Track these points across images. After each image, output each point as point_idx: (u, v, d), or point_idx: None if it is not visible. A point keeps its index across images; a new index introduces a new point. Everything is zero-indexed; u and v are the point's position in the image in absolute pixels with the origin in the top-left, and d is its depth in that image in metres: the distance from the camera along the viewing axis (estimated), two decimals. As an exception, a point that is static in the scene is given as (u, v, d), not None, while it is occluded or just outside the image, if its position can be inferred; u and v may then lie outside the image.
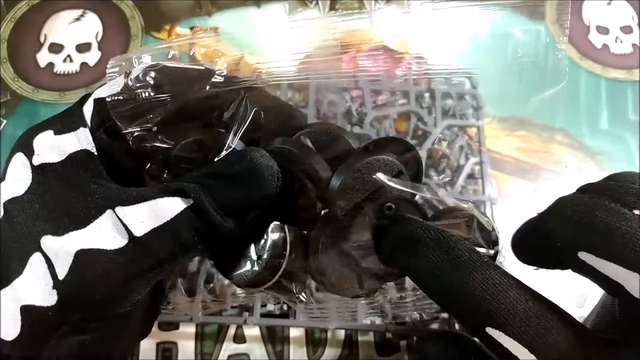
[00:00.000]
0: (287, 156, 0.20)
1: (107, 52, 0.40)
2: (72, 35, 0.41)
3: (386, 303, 0.22)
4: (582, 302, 0.18)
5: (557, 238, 0.16)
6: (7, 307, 0.17)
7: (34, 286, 0.17)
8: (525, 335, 0.15)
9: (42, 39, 0.40)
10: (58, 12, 0.41)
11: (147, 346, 0.31)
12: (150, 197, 0.18)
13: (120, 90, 0.20)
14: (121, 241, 0.17)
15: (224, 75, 0.21)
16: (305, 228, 0.22)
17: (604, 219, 0.15)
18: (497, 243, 0.20)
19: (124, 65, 0.20)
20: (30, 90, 0.39)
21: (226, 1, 0.42)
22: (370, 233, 0.20)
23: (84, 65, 0.40)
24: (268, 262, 0.21)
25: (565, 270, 0.17)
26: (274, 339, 0.32)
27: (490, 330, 0.16)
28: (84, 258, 0.17)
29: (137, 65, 0.20)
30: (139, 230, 0.17)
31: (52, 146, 0.19)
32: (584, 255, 0.15)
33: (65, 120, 0.20)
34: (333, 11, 0.21)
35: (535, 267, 0.19)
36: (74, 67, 0.40)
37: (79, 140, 0.19)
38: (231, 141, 0.21)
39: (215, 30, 0.21)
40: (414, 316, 0.22)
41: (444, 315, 0.23)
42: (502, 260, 0.20)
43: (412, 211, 0.20)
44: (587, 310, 0.20)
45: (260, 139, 0.21)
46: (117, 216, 0.17)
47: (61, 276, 0.17)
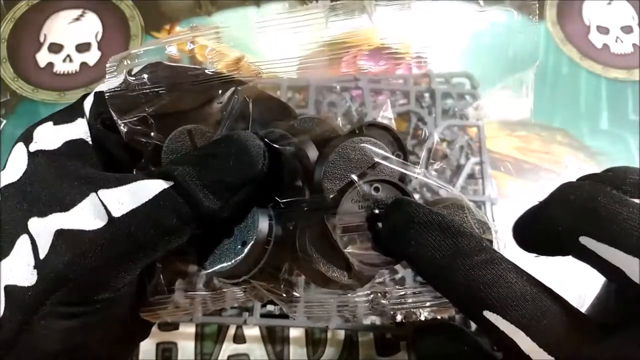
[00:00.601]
0: (275, 137, 0.20)
1: (107, 52, 0.40)
2: (72, 35, 0.41)
3: (383, 300, 0.21)
4: (582, 303, 0.18)
5: (559, 223, 0.16)
6: None
7: (17, 266, 0.17)
8: (522, 318, 0.15)
9: (42, 39, 0.40)
10: (58, 12, 0.41)
11: (147, 346, 0.31)
12: (132, 180, 0.18)
13: (119, 84, 0.20)
14: (100, 223, 0.17)
15: (215, 70, 0.21)
16: (291, 215, 0.21)
17: (606, 205, 0.15)
18: (489, 233, 0.20)
19: (123, 62, 0.20)
20: (30, 90, 0.39)
21: (226, 1, 0.42)
22: (357, 217, 0.19)
23: (84, 65, 0.40)
24: (253, 248, 0.20)
25: (566, 256, 0.17)
26: (274, 339, 0.32)
27: (487, 313, 0.16)
28: (62, 238, 0.17)
29: (136, 61, 0.20)
30: (118, 211, 0.17)
31: (50, 135, 0.20)
32: (585, 240, 0.16)
33: (66, 112, 0.21)
34: (333, 11, 0.21)
35: (536, 255, 0.19)
36: (74, 67, 0.40)
37: (76, 130, 0.20)
38: (220, 131, 0.21)
39: (215, 31, 0.21)
40: (415, 316, 0.21)
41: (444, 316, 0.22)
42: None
43: (399, 194, 0.20)
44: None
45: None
46: (99, 198, 0.17)
47: (42, 256, 0.17)
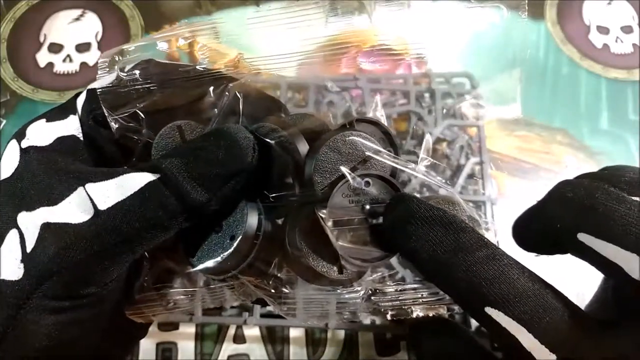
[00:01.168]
0: (265, 131, 0.20)
1: (107, 52, 0.40)
2: (72, 35, 0.41)
3: (374, 297, 0.21)
4: (581, 301, 0.18)
5: (558, 220, 0.16)
6: None
7: (6, 261, 0.17)
8: (524, 315, 0.15)
9: (42, 39, 0.40)
10: (58, 12, 0.41)
11: (147, 346, 0.31)
12: (120, 174, 0.18)
13: (112, 81, 0.20)
14: (86, 216, 0.17)
15: (206, 66, 0.21)
16: (281, 210, 0.21)
17: (604, 202, 0.15)
18: (480, 229, 0.19)
19: (115, 58, 0.21)
20: (29, 90, 0.39)
21: (226, 1, 0.42)
22: (348, 211, 0.19)
23: (84, 65, 0.40)
24: (242, 242, 0.19)
25: (564, 254, 0.17)
26: (274, 339, 0.32)
27: (489, 310, 0.16)
28: (48, 231, 0.17)
29: (128, 57, 0.21)
30: (104, 205, 0.17)
31: (42, 131, 0.20)
32: (584, 237, 0.16)
33: (59, 110, 0.21)
34: (333, 11, 0.21)
35: (536, 255, 0.19)
36: (74, 67, 0.40)
37: (68, 126, 0.20)
38: (211, 127, 0.21)
39: (214, 30, 0.21)
40: (415, 314, 0.21)
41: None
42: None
43: (389, 189, 0.20)
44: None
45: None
46: (87, 192, 0.17)
47: (29, 250, 0.17)
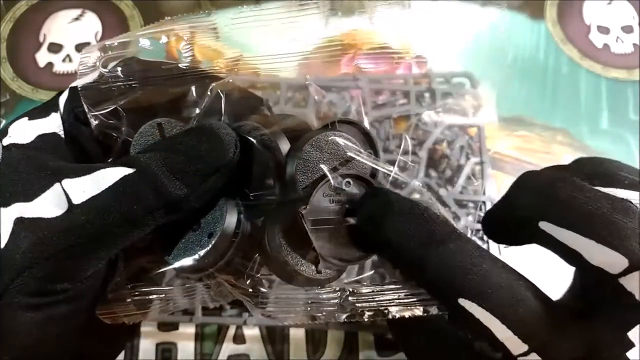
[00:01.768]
0: (247, 129, 0.20)
1: (107, 52, 0.40)
2: (72, 34, 0.41)
3: (351, 298, 0.21)
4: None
5: (521, 210, 0.17)
6: None
7: None
8: (497, 306, 0.16)
9: (42, 39, 0.40)
10: (57, 12, 0.41)
11: (147, 346, 0.31)
12: (97, 169, 0.18)
13: (95, 79, 0.20)
14: (59, 211, 0.17)
15: (189, 64, 0.21)
16: (261, 208, 0.21)
17: (564, 190, 0.16)
18: None
19: (97, 53, 0.21)
20: (29, 90, 0.39)
21: (225, 1, 0.42)
22: (328, 211, 0.19)
23: (84, 65, 0.40)
24: (220, 240, 0.19)
25: (531, 244, 0.18)
26: (274, 339, 0.32)
27: (463, 301, 0.16)
28: (21, 225, 0.17)
29: (110, 53, 0.21)
30: (79, 199, 0.17)
31: (24, 129, 0.20)
32: (545, 225, 0.16)
33: (41, 108, 0.21)
34: (333, 11, 0.21)
35: (505, 246, 0.19)
36: (73, 67, 0.40)
37: (49, 124, 0.20)
38: (191, 124, 0.21)
39: (214, 30, 0.21)
40: (391, 315, 0.21)
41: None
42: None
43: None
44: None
45: None
46: (63, 188, 0.17)
47: (2, 245, 0.17)
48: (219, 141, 0.18)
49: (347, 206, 0.19)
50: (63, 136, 0.20)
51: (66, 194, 0.17)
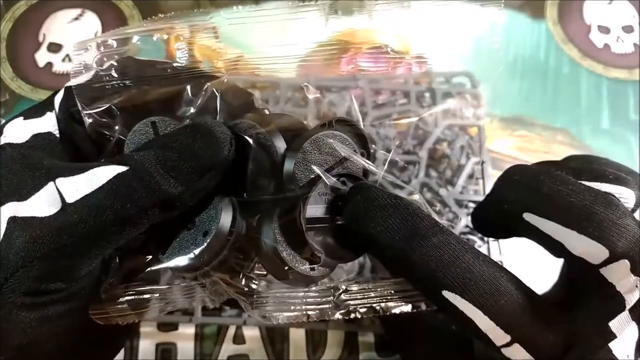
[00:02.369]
0: (243, 127, 0.20)
1: (106, 52, 0.40)
2: (71, 34, 0.41)
3: (344, 296, 0.21)
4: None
5: (506, 202, 0.17)
6: None
7: None
8: (480, 297, 0.16)
9: (41, 39, 0.40)
10: (57, 12, 0.41)
11: (147, 347, 0.31)
12: (90, 168, 0.18)
13: (90, 78, 0.20)
14: (53, 210, 0.17)
15: (184, 63, 0.21)
16: (256, 206, 0.21)
17: (548, 182, 0.16)
18: None
19: (88, 49, 0.21)
20: (29, 89, 0.39)
21: (225, 1, 0.42)
22: (323, 209, 0.19)
23: (83, 64, 0.40)
24: (215, 239, 0.19)
25: (517, 236, 0.18)
26: (274, 340, 0.32)
27: (446, 293, 0.16)
28: (15, 224, 0.17)
29: (102, 50, 0.21)
30: (72, 198, 0.17)
31: (19, 129, 0.20)
32: (529, 216, 0.16)
33: (37, 107, 0.21)
34: (333, 11, 0.21)
35: (494, 240, 0.19)
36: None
37: (44, 123, 0.20)
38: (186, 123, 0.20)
39: (213, 29, 0.21)
40: (382, 312, 0.21)
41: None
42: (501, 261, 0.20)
43: None
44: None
45: None
46: (57, 187, 0.17)
47: None
48: (214, 139, 0.18)
49: (339, 204, 0.20)
50: (58, 135, 0.20)
51: (60, 193, 0.17)
